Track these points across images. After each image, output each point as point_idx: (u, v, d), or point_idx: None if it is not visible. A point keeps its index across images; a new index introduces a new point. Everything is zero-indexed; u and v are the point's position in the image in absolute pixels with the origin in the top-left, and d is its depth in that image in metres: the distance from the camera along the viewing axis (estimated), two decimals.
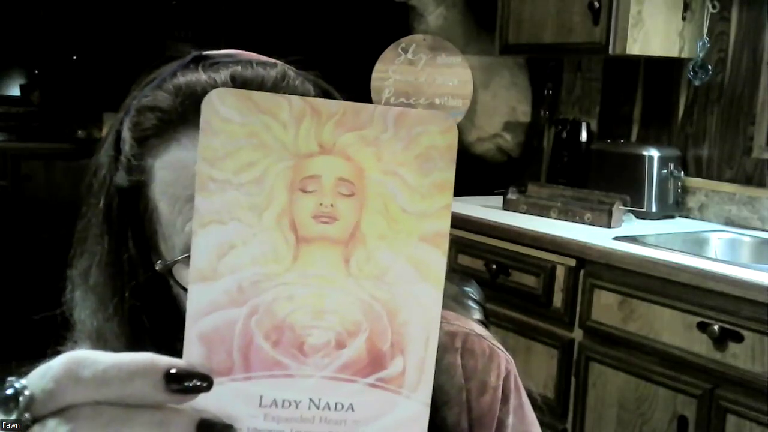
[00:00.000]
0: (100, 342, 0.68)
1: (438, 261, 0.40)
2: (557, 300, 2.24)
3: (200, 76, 0.67)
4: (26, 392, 0.38)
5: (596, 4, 2.44)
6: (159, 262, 0.66)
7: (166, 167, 0.65)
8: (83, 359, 0.38)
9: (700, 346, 1.90)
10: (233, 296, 0.39)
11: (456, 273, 2.39)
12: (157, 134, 0.66)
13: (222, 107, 0.38)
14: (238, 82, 0.66)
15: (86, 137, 4.04)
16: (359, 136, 0.39)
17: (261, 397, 0.39)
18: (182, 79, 0.67)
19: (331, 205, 0.39)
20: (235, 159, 0.38)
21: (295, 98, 0.39)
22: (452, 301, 0.84)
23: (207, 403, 0.38)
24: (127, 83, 0.74)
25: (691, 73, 2.49)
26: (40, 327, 0.74)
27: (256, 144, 0.38)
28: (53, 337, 0.73)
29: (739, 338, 1.82)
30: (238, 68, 0.67)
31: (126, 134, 0.68)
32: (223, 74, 0.67)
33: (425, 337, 0.40)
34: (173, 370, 0.37)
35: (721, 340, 1.85)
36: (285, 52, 0.73)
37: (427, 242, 0.39)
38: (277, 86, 0.67)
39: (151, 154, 0.66)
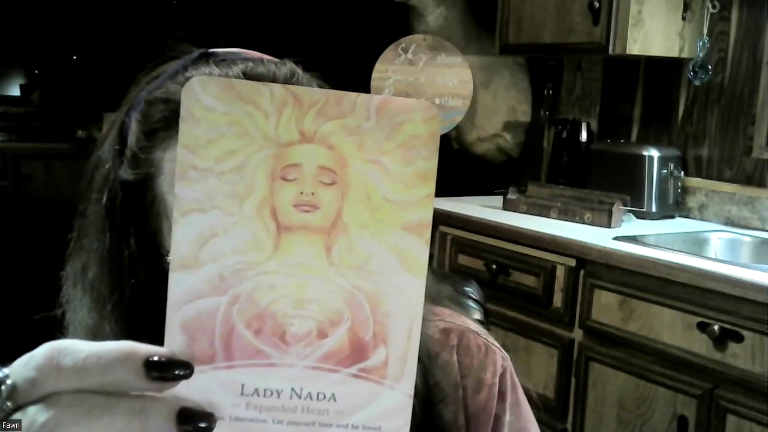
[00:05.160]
0: (96, 340, 0.68)
1: (421, 250, 0.39)
2: (557, 300, 2.24)
3: (213, 70, 0.67)
4: (8, 381, 0.38)
5: (596, 4, 2.44)
6: (168, 255, 0.66)
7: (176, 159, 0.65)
8: (64, 348, 0.38)
9: (700, 346, 1.90)
10: (215, 284, 0.38)
11: (456, 273, 2.40)
12: (168, 126, 0.66)
13: (203, 95, 0.38)
14: (251, 78, 0.66)
15: (86, 137, 4.04)
16: (341, 124, 0.38)
17: (243, 385, 0.39)
18: (195, 72, 0.68)
19: (312, 194, 0.39)
20: (216, 147, 0.38)
21: (276, 86, 0.38)
22: (448, 299, 0.84)
23: (188, 392, 0.38)
24: (128, 83, 0.74)
25: (691, 73, 2.49)
26: (39, 327, 0.74)
27: (237, 132, 0.38)
28: (52, 338, 0.73)
29: (739, 338, 1.82)
30: (250, 64, 0.68)
31: (134, 126, 0.68)
32: (235, 69, 0.67)
33: (408, 327, 0.40)
34: (154, 358, 0.37)
35: (721, 340, 1.85)
36: (285, 51, 0.74)
37: (409, 231, 0.39)
38: (288, 84, 0.67)
39: (161, 147, 0.67)
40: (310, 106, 0.38)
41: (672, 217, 2.58)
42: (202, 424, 0.38)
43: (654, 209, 2.54)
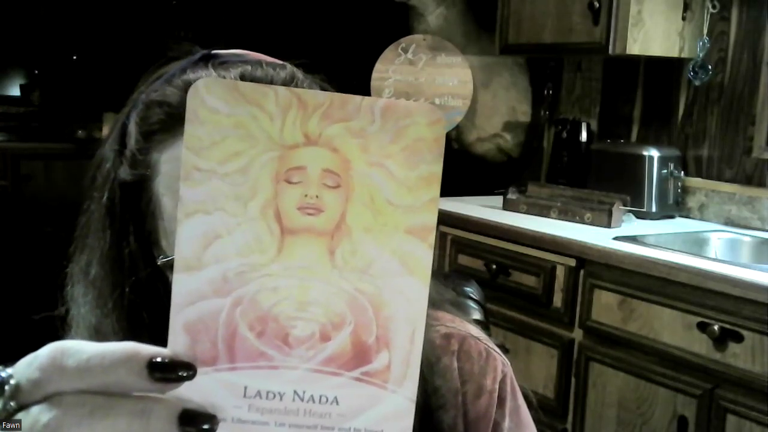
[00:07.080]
0: (98, 338, 0.68)
1: (424, 254, 0.39)
2: (557, 300, 2.24)
3: (210, 73, 0.67)
4: (12, 381, 0.38)
5: (596, 4, 2.44)
6: (161, 257, 0.66)
7: (172, 162, 0.66)
8: (68, 348, 0.38)
9: (700, 346, 1.90)
10: (218, 286, 0.38)
11: (456, 273, 2.40)
12: (164, 129, 0.67)
13: (208, 97, 0.38)
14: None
15: (86, 137, 4.04)
16: (345, 127, 0.38)
17: (245, 387, 0.39)
18: (192, 75, 0.68)
19: (317, 197, 0.39)
20: (221, 149, 0.38)
21: (281, 89, 0.38)
22: (449, 304, 0.83)
23: (191, 393, 0.38)
24: (127, 83, 0.74)
25: (691, 73, 2.49)
26: (40, 327, 0.74)
27: (242, 134, 0.38)
28: (53, 338, 0.73)
29: (739, 338, 1.82)
30: (248, 68, 0.68)
31: (132, 128, 0.69)
32: (233, 72, 0.67)
33: (411, 331, 0.40)
34: (157, 359, 0.37)
35: (721, 340, 1.85)
36: (285, 52, 0.73)
37: (413, 235, 0.39)
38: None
39: (157, 149, 0.67)
40: (314, 108, 0.38)
41: (672, 217, 2.58)
42: (205, 426, 0.38)
43: (654, 209, 2.54)
